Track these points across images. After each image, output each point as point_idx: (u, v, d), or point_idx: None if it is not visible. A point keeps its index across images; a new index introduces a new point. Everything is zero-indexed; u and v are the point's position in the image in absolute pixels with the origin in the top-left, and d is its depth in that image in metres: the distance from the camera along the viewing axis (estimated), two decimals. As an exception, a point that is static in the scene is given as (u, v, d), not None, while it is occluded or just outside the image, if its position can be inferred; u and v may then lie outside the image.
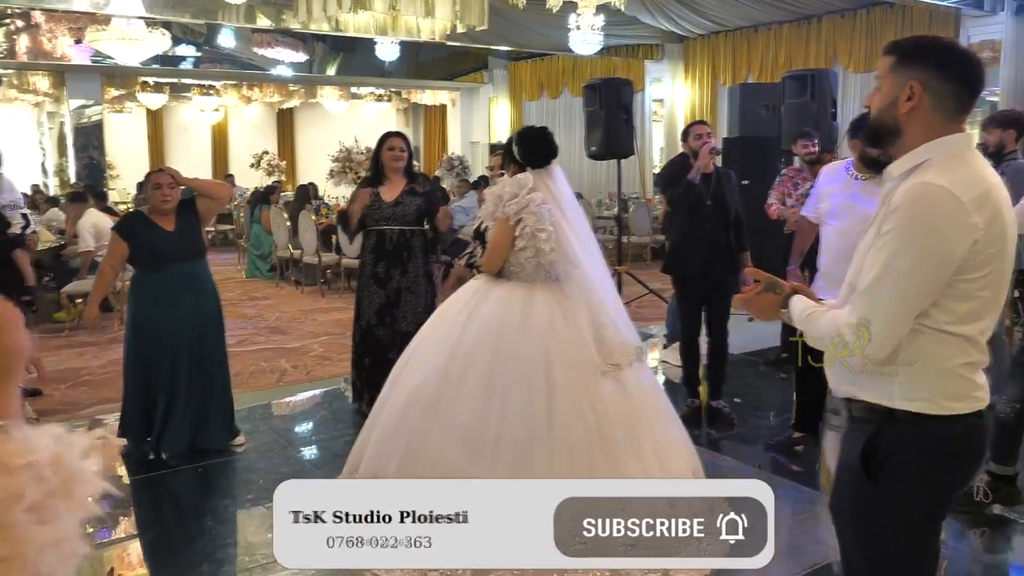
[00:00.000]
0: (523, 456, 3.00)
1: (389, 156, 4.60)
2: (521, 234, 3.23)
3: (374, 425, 3.32)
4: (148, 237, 4.02)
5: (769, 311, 1.90)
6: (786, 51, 11.36)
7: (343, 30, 11.06)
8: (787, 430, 4.44)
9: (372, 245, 4.59)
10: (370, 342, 4.60)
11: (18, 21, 14.05)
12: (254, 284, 10.02)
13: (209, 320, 4.15)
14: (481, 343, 3.14)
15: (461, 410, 3.07)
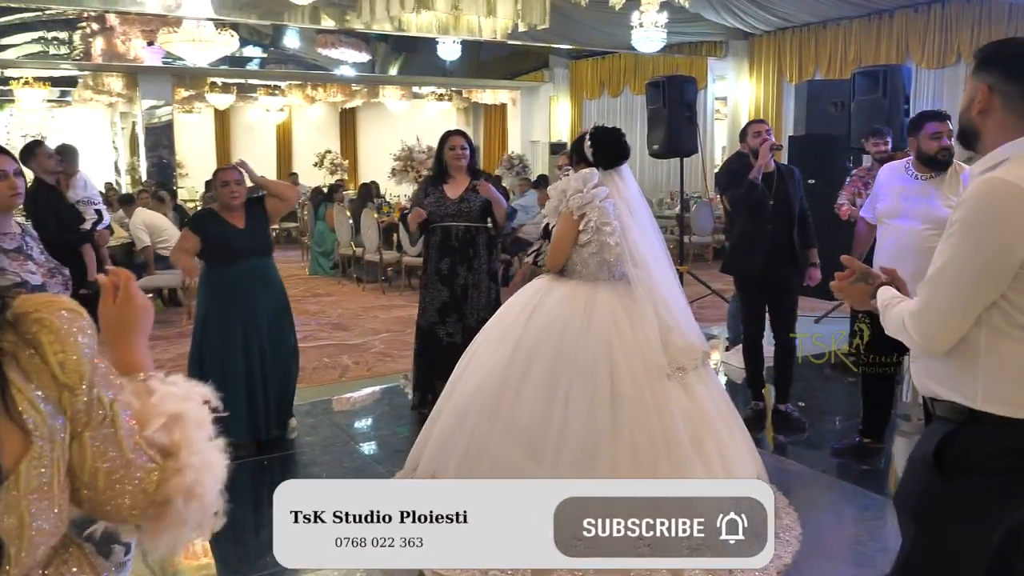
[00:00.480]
0: (586, 459, 2.96)
1: (451, 155, 4.62)
2: (585, 228, 3.20)
3: (435, 424, 3.32)
4: (220, 233, 4.12)
5: (861, 300, 1.99)
6: (856, 47, 11.06)
7: (405, 30, 11.16)
8: (854, 435, 4.32)
9: (437, 242, 4.61)
10: (430, 340, 4.62)
11: (94, 24, 14.54)
12: (317, 281, 10.18)
13: (278, 313, 4.25)
14: (543, 343, 3.12)
15: (522, 412, 3.05)
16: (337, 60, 15.65)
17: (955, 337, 1.69)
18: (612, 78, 15.30)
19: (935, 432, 1.76)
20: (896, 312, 1.81)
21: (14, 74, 14.48)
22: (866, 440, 4.18)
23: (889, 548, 3.25)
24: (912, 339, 1.74)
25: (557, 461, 2.97)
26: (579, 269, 3.29)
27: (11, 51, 14.44)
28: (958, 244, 1.68)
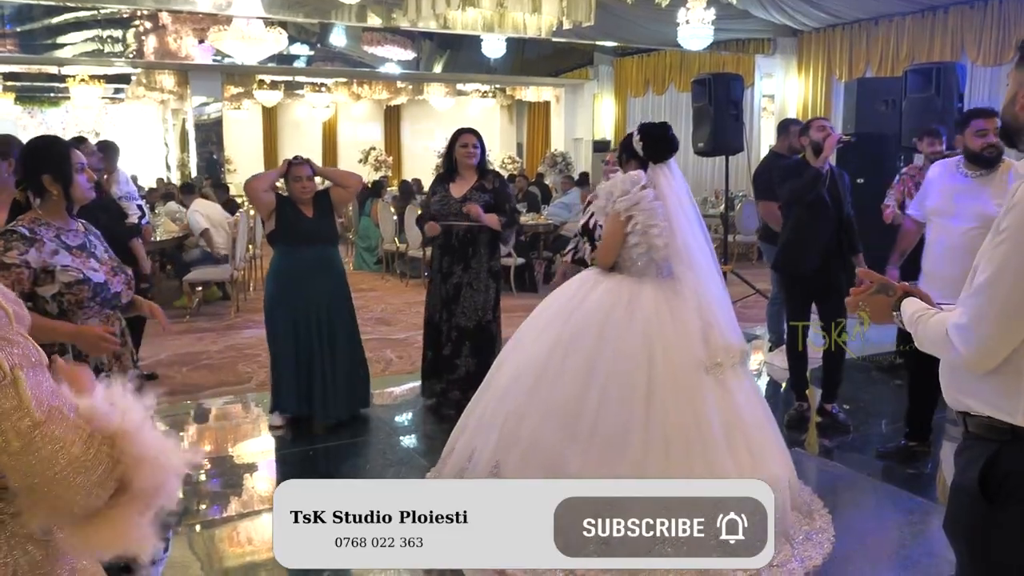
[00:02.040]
0: (617, 444, 3.02)
1: (462, 152, 4.63)
2: (632, 230, 3.24)
3: (474, 408, 3.42)
4: (292, 218, 4.36)
5: (881, 313, 1.87)
6: (908, 44, 10.83)
7: (451, 27, 11.22)
8: (900, 438, 4.26)
9: (440, 241, 4.69)
10: (432, 335, 4.76)
11: (147, 23, 14.86)
12: (361, 276, 10.28)
13: (339, 300, 4.47)
14: (585, 330, 3.18)
15: (560, 393, 3.12)
16: (383, 58, 15.79)
17: (1008, 350, 1.56)
18: (657, 75, 15.20)
19: (975, 457, 1.64)
20: (934, 324, 1.68)
21: (70, 72, 14.85)
22: (912, 443, 4.11)
23: (934, 552, 3.21)
24: (958, 353, 1.60)
25: (590, 442, 3.04)
26: (627, 265, 3.33)
27: (67, 49, 14.83)
28: (1011, 253, 1.54)
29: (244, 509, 3.81)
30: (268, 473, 4.12)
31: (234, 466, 4.29)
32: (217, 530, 3.60)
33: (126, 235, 5.18)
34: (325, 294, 4.38)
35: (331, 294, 4.42)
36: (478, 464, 3.21)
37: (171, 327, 2.74)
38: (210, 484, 4.02)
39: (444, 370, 4.70)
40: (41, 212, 2.54)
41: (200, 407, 5.13)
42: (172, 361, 5.98)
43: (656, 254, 3.25)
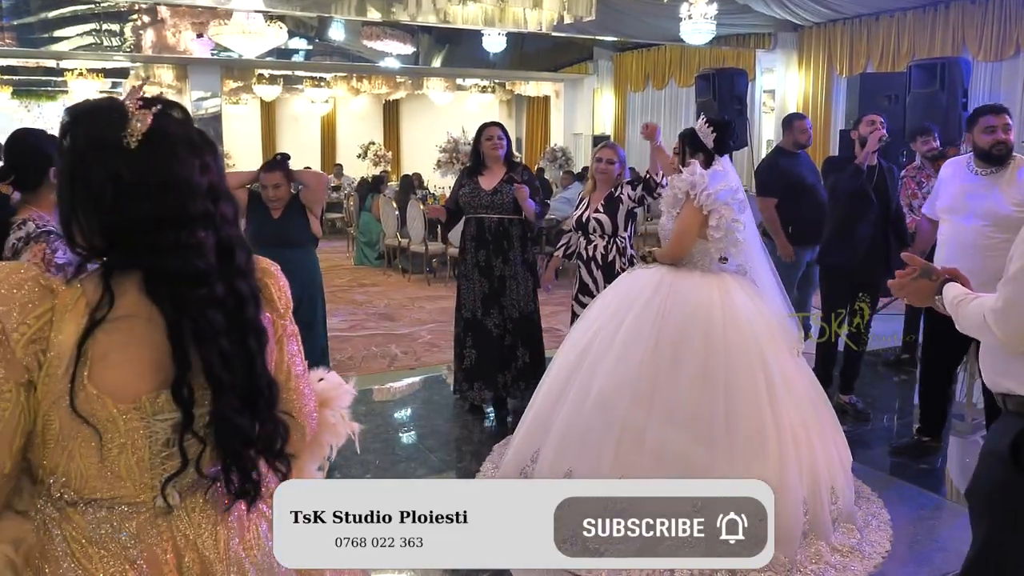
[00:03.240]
0: (756, 443, 3.01)
1: (488, 145, 4.63)
2: (718, 225, 3.24)
3: (550, 422, 3.27)
4: (257, 215, 4.16)
5: (923, 297, 1.95)
6: (909, 39, 10.81)
7: (451, 22, 11.19)
8: (911, 434, 4.27)
9: (473, 234, 4.64)
10: (478, 332, 4.63)
11: (145, 16, 14.80)
12: (362, 271, 10.28)
13: (310, 308, 4.14)
14: (689, 333, 3.14)
15: (683, 400, 3.08)
16: (382, 52, 15.74)
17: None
18: (657, 70, 15.17)
19: (1010, 426, 1.73)
20: (973, 308, 1.76)
21: (68, 65, 14.79)
22: (925, 439, 4.12)
23: (947, 548, 3.22)
24: (995, 336, 1.69)
25: (730, 444, 3.01)
26: (697, 260, 3.33)
27: (65, 43, 14.77)
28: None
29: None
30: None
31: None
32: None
33: None
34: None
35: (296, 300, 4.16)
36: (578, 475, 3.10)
37: None
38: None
39: (507, 362, 4.63)
40: (35, 207, 2.49)
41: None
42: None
43: (735, 247, 3.29)
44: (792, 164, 5.45)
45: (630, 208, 4.32)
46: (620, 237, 4.33)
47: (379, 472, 4.00)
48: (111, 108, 1.20)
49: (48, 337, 1.15)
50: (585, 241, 4.36)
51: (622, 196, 4.32)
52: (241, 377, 1.24)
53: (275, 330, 1.36)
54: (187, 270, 1.20)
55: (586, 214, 4.34)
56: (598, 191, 4.38)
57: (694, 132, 3.48)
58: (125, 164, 1.16)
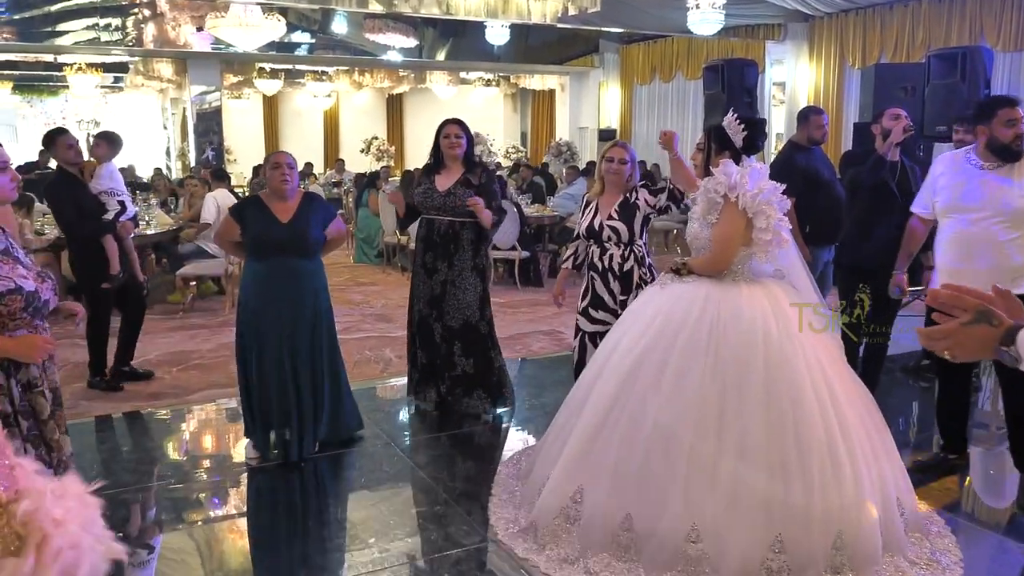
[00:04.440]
0: (830, 467, 2.76)
1: (445, 143, 4.42)
2: (767, 227, 2.98)
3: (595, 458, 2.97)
4: (258, 225, 3.79)
5: (979, 348, 1.36)
6: (924, 29, 10.51)
7: (454, 14, 10.94)
8: (932, 446, 4.05)
9: (423, 234, 4.50)
10: (424, 334, 4.53)
11: (145, 11, 14.59)
12: (362, 269, 10.04)
13: (308, 325, 3.84)
14: (749, 353, 2.86)
15: (752, 428, 2.78)
16: (385, 45, 15.51)
17: None
18: (664, 63, 14.88)
19: None
20: None
21: (68, 60, 14.60)
22: (950, 456, 3.86)
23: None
24: None
25: (806, 475, 2.74)
26: (736, 269, 3.07)
27: (65, 38, 14.58)
28: None
29: (243, 507, 3.68)
30: (254, 492, 3.85)
31: (232, 466, 4.06)
32: (216, 527, 3.47)
33: (96, 230, 4.94)
34: (292, 317, 3.78)
35: (299, 319, 3.81)
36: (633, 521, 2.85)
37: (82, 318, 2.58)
38: (211, 481, 3.88)
39: (444, 368, 4.50)
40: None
41: (192, 406, 4.89)
42: (162, 360, 5.73)
43: (778, 250, 3.04)
44: (807, 160, 5.15)
45: (647, 214, 3.97)
46: (637, 245, 3.96)
47: (365, 493, 3.76)
48: None
49: None
50: (599, 250, 3.97)
51: (638, 202, 3.94)
52: None
53: None
54: None
55: (598, 220, 3.96)
56: (608, 194, 4.00)
57: (722, 128, 3.21)
58: None
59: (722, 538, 2.72)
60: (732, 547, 2.71)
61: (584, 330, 4.04)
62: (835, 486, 2.75)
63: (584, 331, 4.04)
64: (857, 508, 2.76)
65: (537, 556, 2.99)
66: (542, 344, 6.33)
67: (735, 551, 2.71)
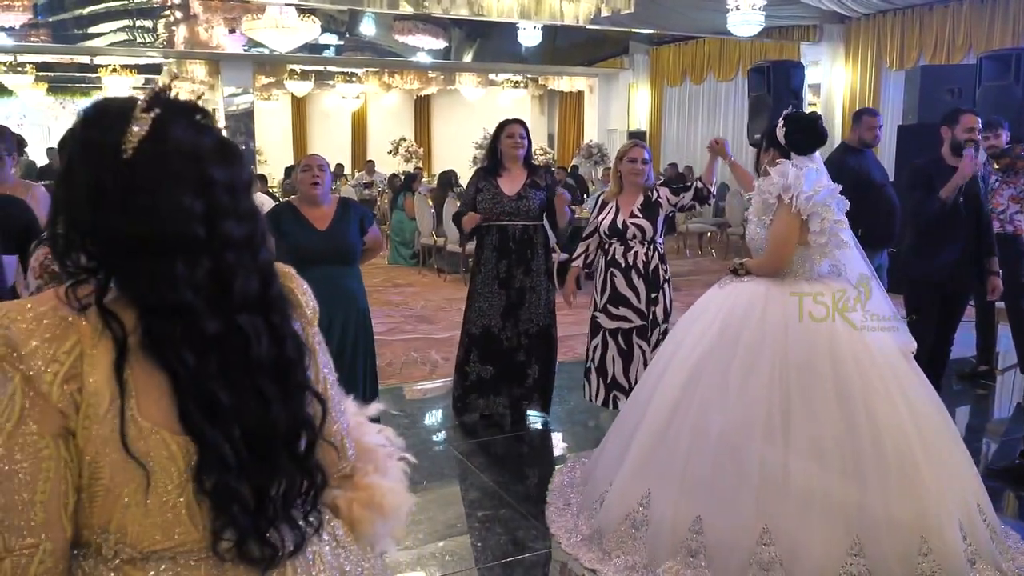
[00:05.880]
0: (910, 471, 2.72)
1: (508, 143, 4.30)
2: (821, 229, 2.95)
3: (661, 463, 2.93)
4: (296, 235, 3.59)
5: None
6: (965, 31, 10.36)
7: (486, 15, 10.93)
8: (994, 455, 3.97)
9: (495, 243, 4.29)
10: (493, 348, 4.32)
11: (177, 12, 14.70)
12: (396, 271, 10.05)
13: (350, 335, 3.70)
14: (815, 354, 2.83)
15: (822, 431, 2.74)
16: (414, 47, 15.53)
17: None
18: (695, 64, 14.80)
19: None
20: None
21: (102, 61, 14.74)
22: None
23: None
24: None
25: (883, 479, 2.69)
26: (797, 269, 3.04)
27: (99, 39, 14.71)
28: None
29: None
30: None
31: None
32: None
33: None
34: (334, 328, 3.57)
35: (341, 329, 3.64)
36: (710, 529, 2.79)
37: None
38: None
39: (512, 380, 4.37)
40: None
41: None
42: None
43: (838, 250, 3.02)
44: (860, 162, 5.13)
45: (668, 212, 4.07)
46: (658, 243, 4.06)
47: (424, 493, 3.75)
48: (118, 109, 1.02)
49: (81, 373, 0.99)
50: (623, 248, 4.03)
51: (660, 200, 4.04)
52: (249, 426, 1.06)
53: (307, 338, 1.19)
54: (159, 303, 1.02)
55: (620, 219, 4.02)
56: (627, 193, 4.07)
57: (773, 128, 3.19)
58: (111, 173, 0.99)
59: (796, 541, 2.68)
60: (806, 550, 2.67)
61: (604, 327, 4.09)
62: (913, 490, 2.70)
63: (604, 328, 4.08)
64: (939, 511, 2.71)
65: (604, 566, 2.94)
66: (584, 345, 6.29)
67: (810, 554, 2.67)
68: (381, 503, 1.32)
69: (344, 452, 1.27)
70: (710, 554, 2.78)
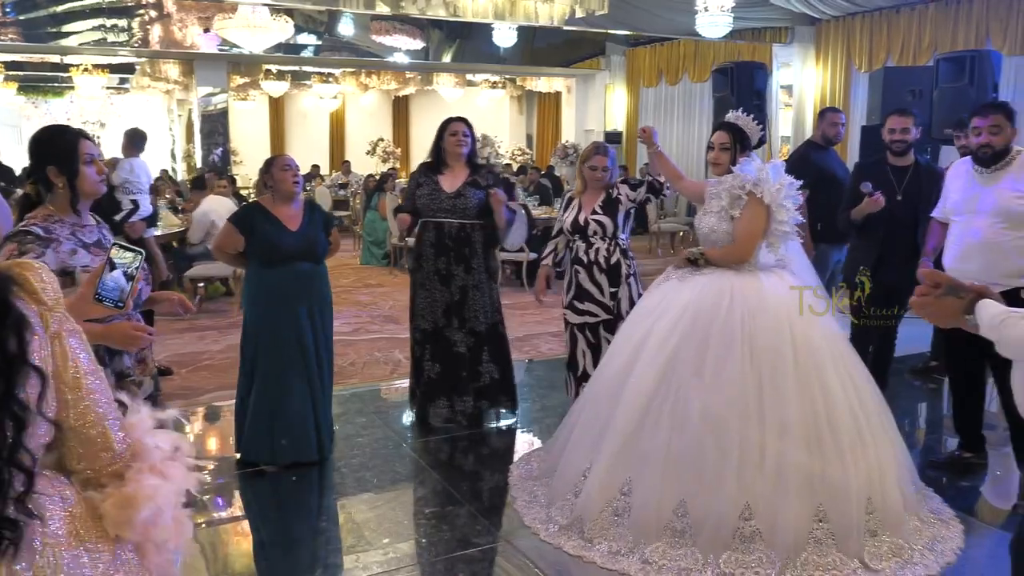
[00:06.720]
0: (858, 441, 3.00)
1: (451, 141, 4.32)
2: (786, 220, 3.21)
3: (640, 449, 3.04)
4: (269, 235, 3.76)
5: (949, 317, 1.74)
6: (931, 33, 10.49)
7: (461, 16, 10.94)
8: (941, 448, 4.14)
9: (432, 239, 4.31)
10: (440, 345, 4.34)
11: (151, 11, 14.62)
12: (368, 271, 10.06)
13: (324, 326, 3.92)
14: (779, 339, 3.04)
15: (791, 410, 2.97)
16: (391, 47, 15.51)
17: None
18: (671, 66, 14.87)
19: None
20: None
21: (74, 61, 14.63)
22: (966, 455, 3.86)
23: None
24: None
25: (839, 449, 2.95)
26: (752, 259, 3.26)
27: (71, 38, 14.60)
28: None
29: (252, 509, 3.70)
30: (265, 492, 3.86)
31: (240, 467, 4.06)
32: (224, 529, 3.49)
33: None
34: (309, 322, 3.81)
35: (317, 321, 3.86)
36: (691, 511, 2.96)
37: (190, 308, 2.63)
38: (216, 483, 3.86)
39: (468, 380, 4.38)
40: (53, 208, 2.39)
41: (202, 407, 4.91)
42: (171, 361, 5.75)
43: (788, 240, 3.26)
44: (823, 158, 5.32)
45: (628, 208, 4.14)
46: (620, 239, 4.13)
47: (376, 491, 3.77)
48: None
49: None
50: (585, 244, 4.11)
51: (620, 197, 4.12)
52: None
53: (44, 324, 1.23)
54: None
55: (583, 216, 4.11)
56: (590, 192, 4.17)
57: (741, 130, 3.42)
58: None
59: (773, 513, 2.90)
60: (782, 521, 2.90)
61: (572, 323, 4.18)
62: (863, 458, 2.98)
63: (572, 324, 4.18)
64: (881, 475, 3.01)
65: (588, 552, 3.02)
66: (551, 345, 6.33)
67: (785, 525, 2.89)
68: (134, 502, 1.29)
69: (109, 445, 1.29)
70: (696, 532, 2.94)
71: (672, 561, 2.91)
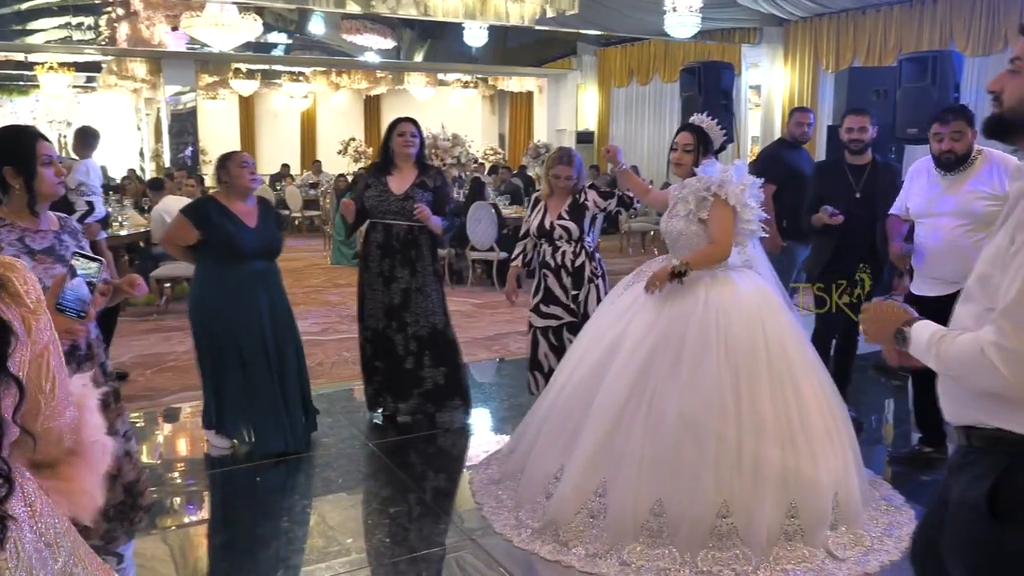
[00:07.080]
0: (826, 438, 3.07)
1: (399, 142, 4.26)
2: (751, 219, 3.26)
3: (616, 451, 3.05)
4: (228, 231, 3.76)
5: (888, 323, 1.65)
6: (896, 33, 10.65)
7: (432, 15, 10.92)
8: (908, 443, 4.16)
9: (379, 240, 4.27)
10: (383, 346, 4.34)
11: (118, 9, 14.44)
12: (338, 271, 10.01)
13: (282, 318, 3.95)
14: (753, 339, 3.08)
15: (766, 409, 3.00)
16: (362, 46, 15.45)
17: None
18: (641, 66, 14.96)
19: (983, 472, 1.48)
20: (966, 342, 1.46)
21: (39, 59, 14.40)
22: (927, 449, 3.91)
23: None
24: (1002, 376, 1.40)
25: (811, 446, 3.01)
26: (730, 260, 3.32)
27: (36, 36, 14.39)
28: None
29: (218, 510, 3.68)
30: (229, 492, 3.83)
31: (206, 468, 4.03)
32: (191, 531, 3.46)
33: None
34: (268, 315, 3.86)
35: (275, 314, 3.91)
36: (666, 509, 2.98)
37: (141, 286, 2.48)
38: (184, 484, 3.85)
39: (411, 385, 4.36)
40: (7, 211, 2.35)
41: (166, 409, 4.85)
42: (136, 363, 5.68)
43: (752, 240, 3.33)
44: (792, 157, 5.40)
45: (595, 214, 4.14)
46: (586, 242, 4.13)
47: (342, 492, 3.75)
48: None
49: None
50: (551, 248, 4.12)
51: (587, 202, 4.11)
52: None
53: (27, 328, 1.23)
54: None
55: (548, 220, 4.11)
56: (557, 196, 4.16)
57: (705, 133, 3.43)
58: None
59: (749, 510, 2.93)
60: (758, 518, 2.93)
61: (535, 325, 4.20)
62: (832, 454, 3.06)
63: (536, 327, 4.19)
64: (845, 470, 3.09)
65: (565, 556, 3.00)
66: (520, 345, 6.32)
67: (760, 521, 2.93)
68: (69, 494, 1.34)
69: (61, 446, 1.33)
70: (673, 531, 2.96)
71: (650, 561, 2.91)
